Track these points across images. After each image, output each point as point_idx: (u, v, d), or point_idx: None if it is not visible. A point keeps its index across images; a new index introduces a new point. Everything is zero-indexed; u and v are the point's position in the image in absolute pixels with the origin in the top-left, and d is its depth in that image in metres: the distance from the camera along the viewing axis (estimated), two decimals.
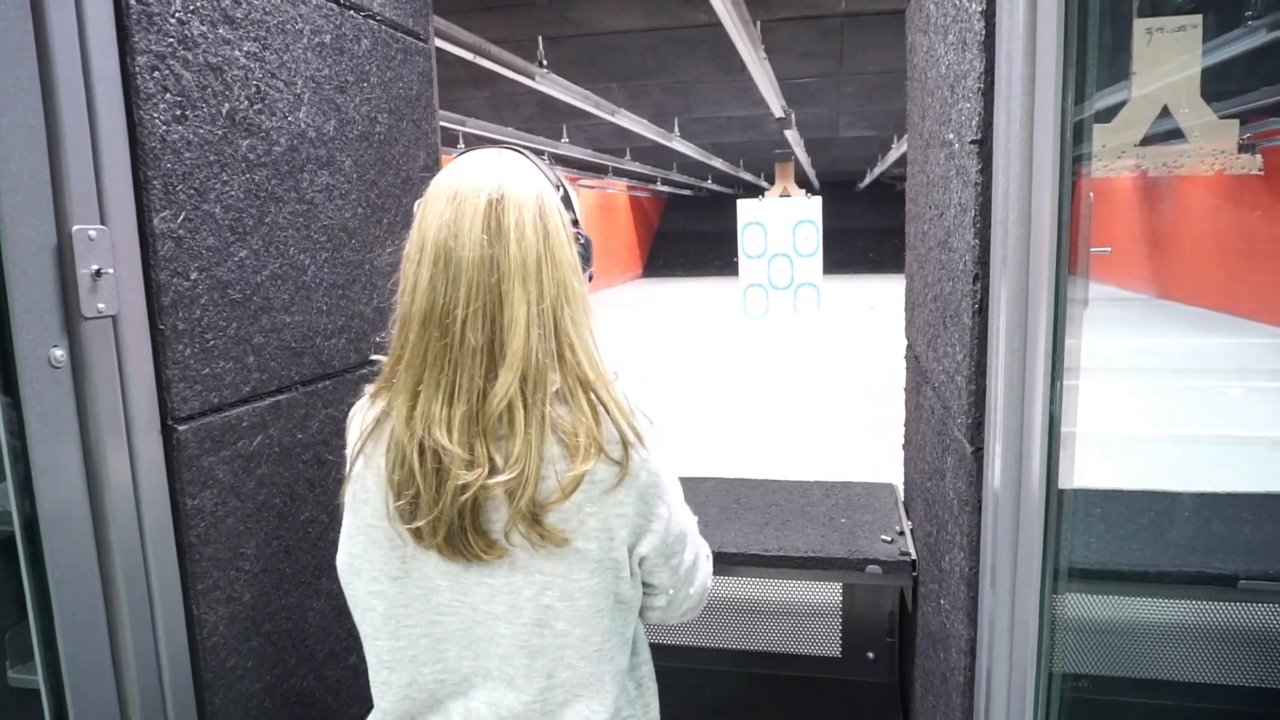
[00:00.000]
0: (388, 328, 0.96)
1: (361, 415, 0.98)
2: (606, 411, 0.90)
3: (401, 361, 0.91)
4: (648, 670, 1.06)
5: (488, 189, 0.89)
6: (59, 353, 0.93)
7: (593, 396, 0.90)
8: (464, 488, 0.86)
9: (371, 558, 0.95)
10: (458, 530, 0.88)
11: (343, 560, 0.98)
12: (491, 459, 0.87)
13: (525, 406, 0.87)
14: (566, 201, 0.97)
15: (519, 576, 0.91)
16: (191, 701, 1.09)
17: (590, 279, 1.02)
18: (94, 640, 0.99)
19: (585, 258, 0.99)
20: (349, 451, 0.98)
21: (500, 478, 0.86)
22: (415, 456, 0.88)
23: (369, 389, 0.98)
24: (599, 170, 15.22)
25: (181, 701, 1.07)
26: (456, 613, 0.94)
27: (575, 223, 0.98)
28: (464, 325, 0.87)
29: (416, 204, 0.94)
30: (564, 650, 0.93)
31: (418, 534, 0.90)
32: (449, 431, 0.87)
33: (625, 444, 0.90)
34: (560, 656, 0.93)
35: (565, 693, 0.94)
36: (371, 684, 1.00)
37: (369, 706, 1.02)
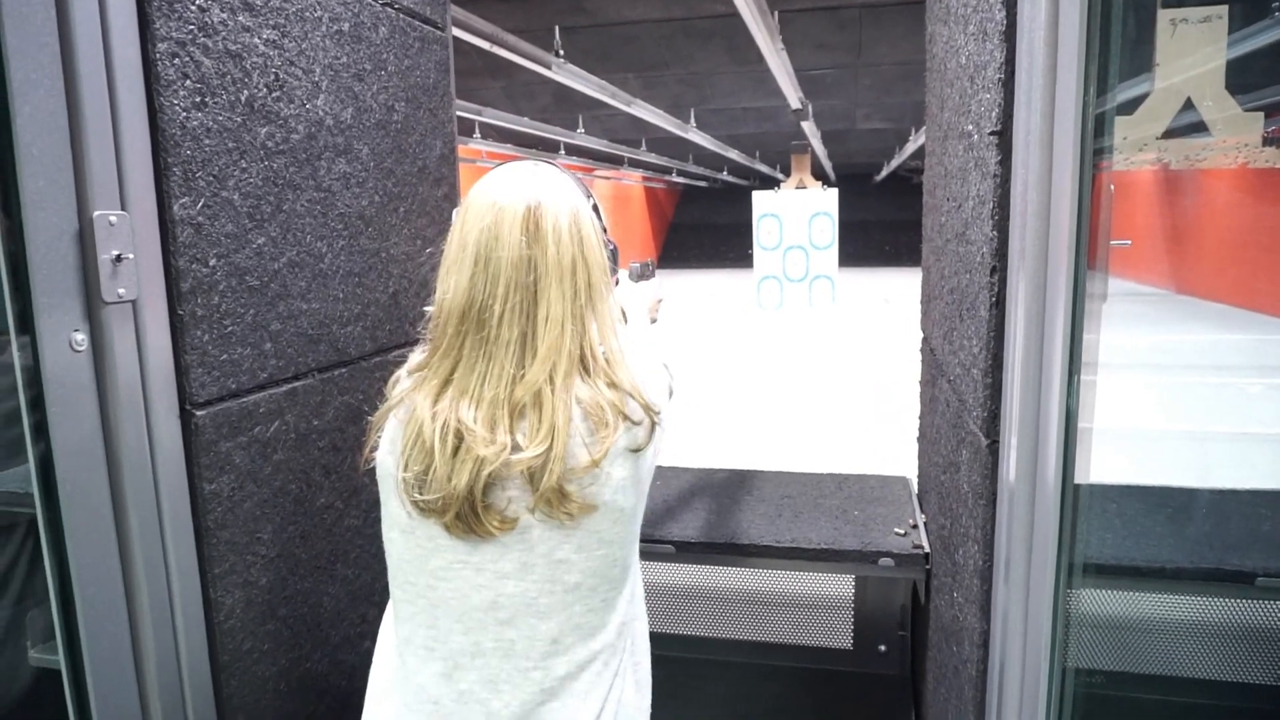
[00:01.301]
0: (425, 322, 1.02)
1: (402, 382, 1.03)
2: (631, 396, 0.96)
3: (439, 351, 0.97)
4: (642, 627, 1.08)
5: (527, 198, 0.96)
6: (80, 336, 0.94)
7: (615, 384, 0.96)
8: (483, 461, 0.90)
9: (390, 504, 0.99)
10: (468, 511, 0.91)
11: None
12: (514, 438, 0.92)
13: (553, 393, 0.92)
14: (596, 211, 1.05)
15: (535, 534, 0.94)
16: (208, 683, 1.11)
17: (618, 283, 1.12)
18: (113, 621, 1.00)
19: (613, 263, 1.08)
20: (384, 407, 1.02)
21: (523, 454, 0.90)
22: (437, 433, 0.92)
23: (412, 359, 1.03)
24: (615, 161, 15.18)
25: (199, 683, 1.09)
26: (455, 578, 0.95)
27: (604, 230, 1.06)
28: (501, 320, 0.93)
29: (455, 212, 1.01)
30: (572, 606, 0.95)
31: (421, 507, 0.93)
32: (475, 411, 0.92)
33: (649, 414, 0.96)
34: (568, 615, 0.95)
35: (563, 648, 0.96)
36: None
37: None
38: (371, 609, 1.44)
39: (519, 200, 0.96)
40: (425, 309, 1.02)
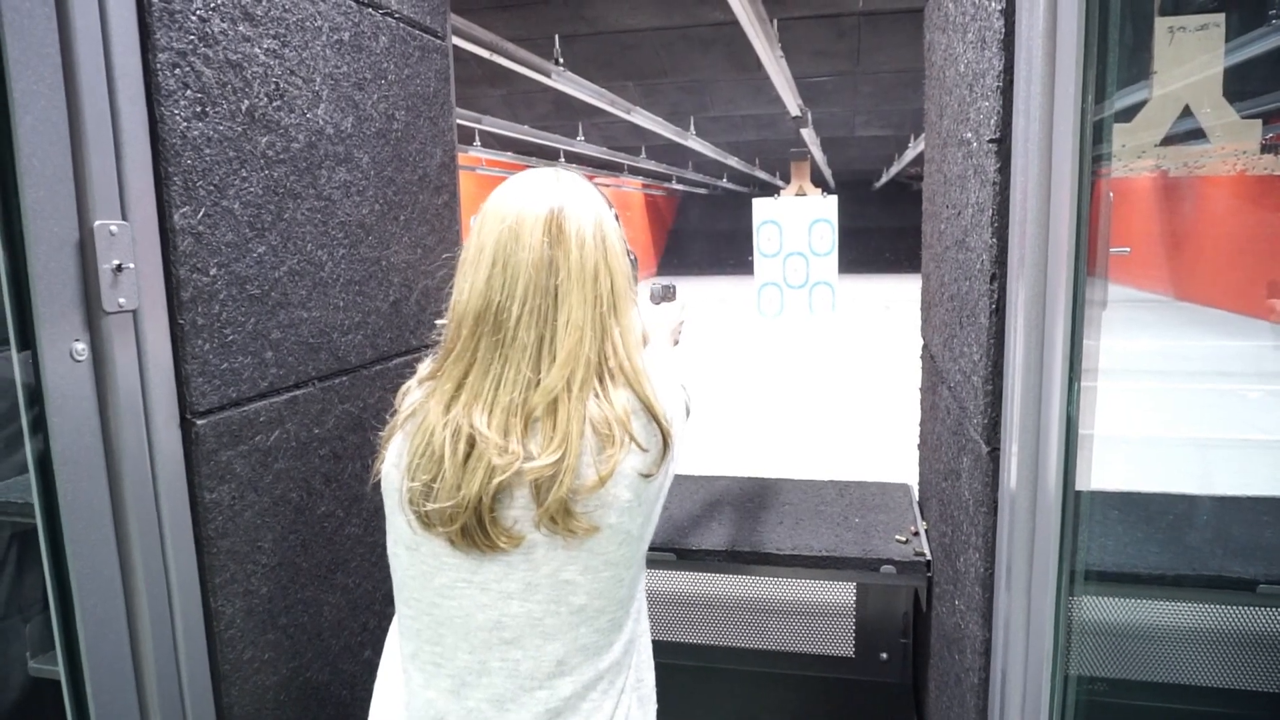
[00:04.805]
0: (438, 331, 1.00)
1: (412, 393, 1.01)
2: (649, 412, 0.94)
3: (451, 355, 0.95)
4: (646, 643, 1.07)
5: (550, 202, 0.96)
6: (80, 346, 0.94)
7: (632, 394, 0.94)
8: (495, 469, 0.88)
9: (395, 519, 0.97)
10: (474, 524, 0.89)
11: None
12: (526, 447, 0.89)
13: (570, 401, 0.90)
14: (616, 220, 1.04)
15: (540, 553, 0.92)
16: (209, 693, 1.10)
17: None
18: (113, 631, 1.00)
19: (634, 271, 1.07)
20: (395, 420, 1.00)
21: (535, 463, 0.88)
22: (448, 441, 0.90)
23: (422, 369, 1.02)
24: (614, 168, 15.21)
25: (199, 693, 1.09)
26: (459, 596, 0.94)
27: (624, 239, 1.05)
28: (519, 322, 0.91)
29: (473, 219, 1.00)
30: (578, 628, 0.93)
31: (427, 520, 0.91)
32: (489, 418, 0.90)
33: (664, 437, 0.94)
34: (574, 636, 0.93)
35: (569, 668, 0.95)
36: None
37: None
38: (372, 618, 1.44)
39: (542, 204, 0.95)
40: (438, 321, 1.01)
